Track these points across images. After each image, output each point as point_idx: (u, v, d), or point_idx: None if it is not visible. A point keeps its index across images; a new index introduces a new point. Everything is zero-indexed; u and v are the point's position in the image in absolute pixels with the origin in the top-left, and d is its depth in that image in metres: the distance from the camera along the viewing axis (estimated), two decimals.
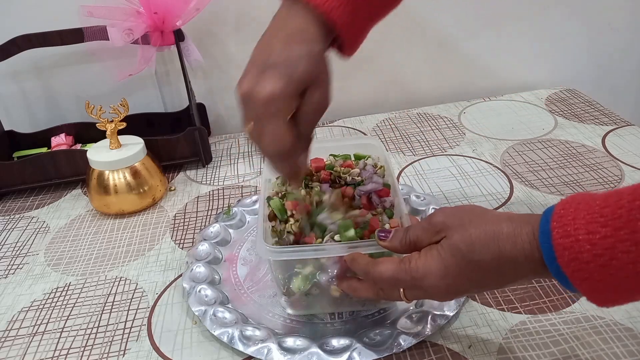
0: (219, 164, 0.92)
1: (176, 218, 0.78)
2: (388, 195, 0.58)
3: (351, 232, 0.52)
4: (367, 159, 0.64)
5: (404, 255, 0.46)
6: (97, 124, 0.77)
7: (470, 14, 1.04)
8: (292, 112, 0.46)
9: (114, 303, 0.63)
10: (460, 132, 0.96)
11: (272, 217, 0.57)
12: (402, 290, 0.46)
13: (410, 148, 0.92)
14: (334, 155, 0.65)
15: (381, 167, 0.63)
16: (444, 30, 1.04)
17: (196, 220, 0.77)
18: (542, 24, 1.07)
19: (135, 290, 0.65)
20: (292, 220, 0.55)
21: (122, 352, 0.56)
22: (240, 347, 0.53)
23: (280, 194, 0.58)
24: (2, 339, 0.59)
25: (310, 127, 0.48)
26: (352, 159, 0.64)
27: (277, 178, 0.63)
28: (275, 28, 0.46)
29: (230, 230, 0.73)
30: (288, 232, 0.54)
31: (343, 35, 0.47)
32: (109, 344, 0.57)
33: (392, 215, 0.56)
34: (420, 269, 0.43)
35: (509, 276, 0.41)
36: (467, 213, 0.43)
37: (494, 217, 0.42)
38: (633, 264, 0.34)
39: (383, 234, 0.48)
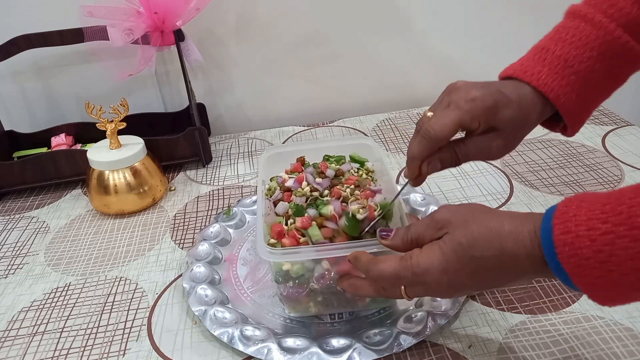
0: (219, 164, 0.92)
1: (176, 218, 0.78)
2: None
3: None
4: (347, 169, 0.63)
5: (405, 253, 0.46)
6: (97, 124, 0.77)
7: (470, 14, 1.04)
8: (468, 128, 0.49)
9: (114, 303, 0.63)
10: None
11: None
12: (403, 287, 0.46)
13: None
14: (328, 157, 0.64)
15: (372, 171, 0.63)
16: (444, 30, 1.04)
17: (196, 220, 0.77)
18: (542, 23, 1.06)
19: (135, 290, 0.65)
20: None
21: (122, 352, 0.56)
22: (240, 347, 0.53)
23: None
24: (2, 339, 0.59)
25: (465, 156, 0.50)
26: (347, 159, 0.64)
27: (271, 180, 0.63)
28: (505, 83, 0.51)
29: (230, 230, 0.73)
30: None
31: (560, 109, 0.50)
32: (109, 344, 0.57)
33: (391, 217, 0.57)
34: (422, 264, 0.43)
35: (510, 274, 0.41)
36: (470, 210, 0.44)
37: (497, 215, 0.42)
38: (632, 260, 0.34)
39: (384, 233, 0.48)
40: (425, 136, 0.48)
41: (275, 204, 0.58)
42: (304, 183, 0.58)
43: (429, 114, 0.49)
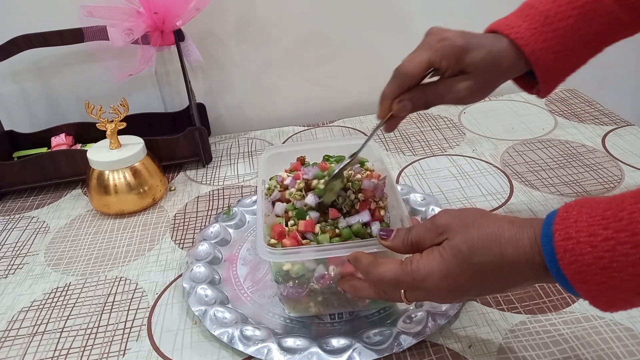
0: (219, 164, 0.92)
1: (176, 218, 0.78)
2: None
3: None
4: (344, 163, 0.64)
5: (405, 256, 0.46)
6: (97, 124, 0.77)
7: (469, 14, 1.04)
8: (438, 67, 0.51)
9: (114, 303, 0.63)
10: (460, 132, 0.96)
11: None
12: (403, 291, 0.46)
13: (410, 148, 0.92)
14: (328, 156, 0.65)
15: (372, 170, 0.63)
16: None
17: (196, 220, 0.77)
18: None
19: (135, 290, 0.65)
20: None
21: (122, 352, 0.56)
22: (240, 347, 0.53)
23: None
24: (2, 339, 0.59)
25: (434, 98, 0.52)
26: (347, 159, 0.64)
27: (270, 179, 0.63)
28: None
29: (230, 230, 0.73)
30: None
31: (533, 64, 0.51)
32: (109, 344, 0.57)
33: (388, 225, 0.57)
34: (422, 269, 0.43)
35: (510, 279, 0.41)
36: (470, 215, 0.43)
37: (497, 220, 0.42)
38: (633, 266, 0.33)
39: (385, 233, 0.48)
40: (396, 74, 0.51)
41: (274, 203, 0.58)
42: (298, 181, 0.58)
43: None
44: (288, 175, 0.61)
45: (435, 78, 0.53)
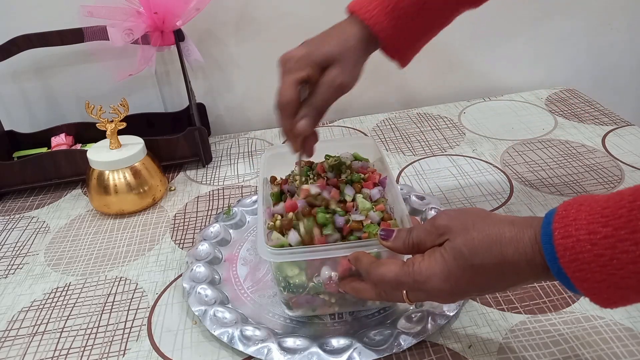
0: (219, 164, 0.92)
1: (176, 218, 0.78)
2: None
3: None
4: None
5: (406, 257, 0.46)
6: (97, 124, 0.77)
7: (470, 14, 1.03)
8: (306, 79, 0.53)
9: (114, 303, 0.63)
10: (460, 132, 0.96)
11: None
12: (404, 292, 0.46)
13: (410, 148, 0.92)
14: (329, 156, 0.65)
15: (373, 171, 0.63)
16: (443, 31, 1.04)
17: (196, 220, 0.77)
18: (542, 24, 1.07)
19: (135, 290, 0.65)
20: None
21: (122, 352, 0.56)
22: (240, 347, 0.53)
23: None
24: (2, 339, 0.59)
25: (320, 100, 0.54)
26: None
27: (271, 181, 0.63)
28: (329, 29, 0.57)
29: (230, 230, 0.73)
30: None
31: (386, 43, 0.56)
32: (109, 344, 0.57)
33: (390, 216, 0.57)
34: (424, 272, 0.43)
35: (511, 280, 0.41)
36: (470, 216, 0.43)
37: (497, 221, 0.42)
38: (633, 263, 0.34)
39: (385, 234, 0.48)
40: (279, 108, 0.53)
41: (275, 214, 0.57)
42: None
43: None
44: (310, 183, 0.59)
45: None
